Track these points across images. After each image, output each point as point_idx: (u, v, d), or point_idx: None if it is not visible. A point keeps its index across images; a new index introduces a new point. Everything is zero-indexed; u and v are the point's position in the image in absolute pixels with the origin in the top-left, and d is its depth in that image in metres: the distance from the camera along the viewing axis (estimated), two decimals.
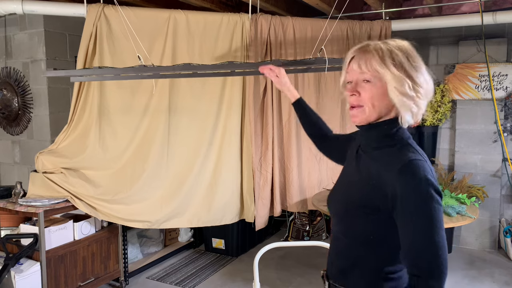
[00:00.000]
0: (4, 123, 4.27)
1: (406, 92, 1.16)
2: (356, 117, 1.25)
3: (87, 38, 3.01)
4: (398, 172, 1.13)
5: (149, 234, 4.18)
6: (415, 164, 1.13)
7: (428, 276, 1.10)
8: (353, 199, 1.26)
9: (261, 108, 3.44)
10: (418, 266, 1.11)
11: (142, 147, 3.17)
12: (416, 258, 1.12)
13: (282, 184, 3.56)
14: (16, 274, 2.74)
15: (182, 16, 3.15)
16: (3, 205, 2.97)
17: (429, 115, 4.30)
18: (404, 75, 1.17)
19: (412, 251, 1.13)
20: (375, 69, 1.18)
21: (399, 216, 1.14)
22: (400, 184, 1.12)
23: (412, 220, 1.11)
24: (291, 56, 3.46)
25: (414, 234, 1.11)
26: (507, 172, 4.27)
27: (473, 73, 4.29)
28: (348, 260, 1.29)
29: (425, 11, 4.36)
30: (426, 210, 1.10)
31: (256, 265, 2.46)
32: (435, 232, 1.10)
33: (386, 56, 1.18)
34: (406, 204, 1.12)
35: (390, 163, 1.17)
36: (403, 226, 1.14)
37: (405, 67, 1.17)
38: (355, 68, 1.21)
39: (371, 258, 1.25)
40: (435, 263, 1.09)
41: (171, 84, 3.18)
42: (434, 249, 1.10)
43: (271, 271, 3.84)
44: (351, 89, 1.23)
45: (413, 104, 1.18)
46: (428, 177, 1.11)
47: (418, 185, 1.10)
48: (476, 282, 3.64)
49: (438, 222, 1.10)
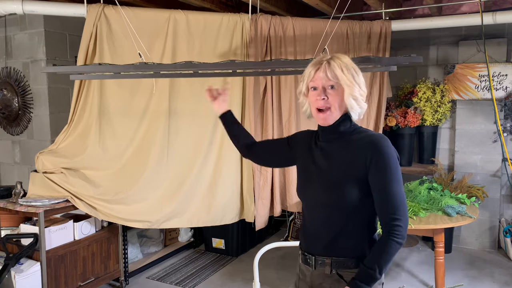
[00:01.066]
0: (4, 123, 4.27)
1: (356, 96, 1.50)
2: (327, 119, 1.52)
3: (87, 38, 3.01)
4: (368, 144, 1.48)
5: (149, 234, 4.18)
6: (380, 136, 1.51)
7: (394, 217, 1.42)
8: (335, 177, 1.51)
9: (261, 108, 3.44)
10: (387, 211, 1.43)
11: (142, 147, 3.17)
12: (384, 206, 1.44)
13: (282, 184, 3.56)
14: (16, 274, 2.74)
15: (182, 16, 3.15)
16: (3, 205, 2.98)
17: (429, 115, 4.31)
18: (355, 83, 1.49)
19: (381, 201, 1.44)
20: (338, 78, 1.48)
21: (373, 176, 1.45)
22: (372, 152, 1.45)
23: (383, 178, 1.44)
24: (291, 56, 3.46)
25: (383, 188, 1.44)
26: (507, 172, 4.27)
27: (473, 73, 4.29)
28: (332, 231, 1.52)
29: (425, 11, 4.36)
30: (391, 168, 1.44)
31: (256, 265, 2.46)
32: (397, 186, 1.44)
33: (344, 68, 1.49)
34: (376, 166, 1.44)
35: (360, 141, 1.51)
36: (375, 185, 1.45)
37: (354, 77, 1.50)
38: (322, 76, 1.49)
39: (353, 223, 1.50)
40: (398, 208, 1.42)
41: (171, 85, 3.18)
42: (398, 198, 1.43)
43: (271, 271, 3.84)
44: (320, 94, 1.50)
45: (358, 105, 1.51)
46: (390, 144, 1.48)
47: (386, 151, 1.45)
48: (476, 282, 3.64)
49: (399, 178, 1.46)
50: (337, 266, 1.51)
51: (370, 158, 1.45)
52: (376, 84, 3.70)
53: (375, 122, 3.77)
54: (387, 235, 1.42)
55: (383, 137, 1.50)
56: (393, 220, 1.42)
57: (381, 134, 1.53)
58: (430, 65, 4.62)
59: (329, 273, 1.52)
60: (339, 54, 1.55)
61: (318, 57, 1.55)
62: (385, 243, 1.42)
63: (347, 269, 1.50)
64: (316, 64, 1.52)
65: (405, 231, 1.43)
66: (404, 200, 1.45)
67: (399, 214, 1.42)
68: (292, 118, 3.47)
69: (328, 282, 1.53)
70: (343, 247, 1.51)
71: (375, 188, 1.45)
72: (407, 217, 1.45)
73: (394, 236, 1.41)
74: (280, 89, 3.45)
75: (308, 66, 1.55)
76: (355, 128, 1.56)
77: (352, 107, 1.50)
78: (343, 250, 1.51)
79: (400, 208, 1.43)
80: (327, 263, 1.52)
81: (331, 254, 1.52)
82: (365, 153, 1.46)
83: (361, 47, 3.66)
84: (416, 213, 3.11)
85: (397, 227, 1.41)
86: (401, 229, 1.41)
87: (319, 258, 1.54)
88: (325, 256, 1.53)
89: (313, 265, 1.56)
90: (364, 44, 3.67)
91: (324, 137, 1.59)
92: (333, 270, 1.51)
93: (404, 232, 1.42)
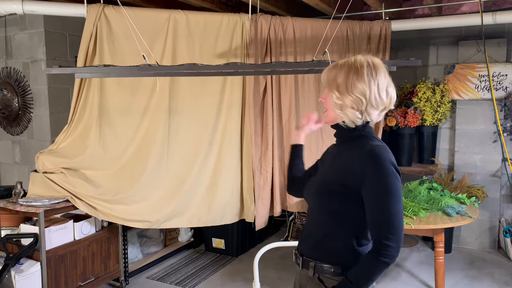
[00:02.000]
0: (4, 123, 4.27)
1: (335, 102, 1.44)
2: (325, 119, 1.54)
3: (87, 38, 3.01)
4: (366, 155, 1.39)
5: (149, 234, 4.18)
6: (379, 148, 1.40)
7: (385, 236, 1.34)
8: (328, 181, 1.49)
9: (261, 108, 3.44)
10: (377, 228, 1.36)
11: (142, 147, 3.18)
12: (376, 222, 1.37)
13: (282, 184, 3.56)
14: (16, 274, 2.74)
15: (182, 16, 3.16)
16: (3, 205, 2.98)
17: (429, 115, 4.31)
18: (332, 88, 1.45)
19: (374, 217, 1.38)
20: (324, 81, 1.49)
21: (366, 191, 1.37)
22: (368, 164, 1.37)
23: (376, 193, 1.36)
24: (291, 56, 3.46)
25: (377, 203, 1.36)
26: (507, 172, 4.27)
27: (473, 73, 4.29)
28: (320, 234, 1.51)
29: (425, 11, 4.36)
30: (388, 184, 1.35)
31: (256, 265, 2.47)
32: (393, 203, 1.35)
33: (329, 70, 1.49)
34: (371, 180, 1.36)
35: (359, 150, 1.42)
36: (368, 198, 1.38)
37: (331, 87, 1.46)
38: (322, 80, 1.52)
39: (340, 231, 1.46)
40: (392, 227, 1.34)
41: (171, 84, 3.18)
42: (392, 216, 1.34)
43: (271, 271, 3.84)
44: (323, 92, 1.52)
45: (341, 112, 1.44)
46: (390, 158, 1.39)
47: (382, 165, 1.36)
48: (476, 282, 3.64)
49: (397, 195, 1.36)
50: (319, 271, 1.49)
51: (364, 170, 1.37)
52: None
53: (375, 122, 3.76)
54: (376, 252, 1.35)
55: (382, 148, 1.39)
56: (384, 239, 1.34)
57: (382, 145, 1.42)
58: (430, 65, 4.63)
59: (311, 276, 1.51)
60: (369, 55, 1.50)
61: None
62: (371, 260, 1.36)
63: (328, 275, 1.47)
64: None
65: (396, 251, 1.34)
66: (399, 219, 1.35)
67: (391, 233, 1.34)
68: (292, 118, 3.47)
69: (311, 284, 1.52)
70: (326, 252, 1.49)
71: (368, 204, 1.38)
72: (401, 237, 1.35)
73: (382, 255, 1.33)
74: (280, 89, 3.45)
75: None
76: (362, 135, 1.46)
77: (337, 113, 1.45)
78: (326, 255, 1.49)
79: (394, 227, 1.34)
80: (311, 265, 1.51)
81: (316, 258, 1.50)
82: (360, 163, 1.38)
83: (361, 47, 3.66)
84: (416, 213, 3.11)
85: (388, 247, 1.33)
86: (392, 249, 1.33)
87: (305, 259, 1.54)
88: (311, 258, 1.52)
89: (300, 265, 1.56)
90: (364, 44, 3.67)
91: (336, 139, 1.58)
92: (315, 273, 1.50)
93: (395, 252, 1.34)
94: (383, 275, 3.70)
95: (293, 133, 3.47)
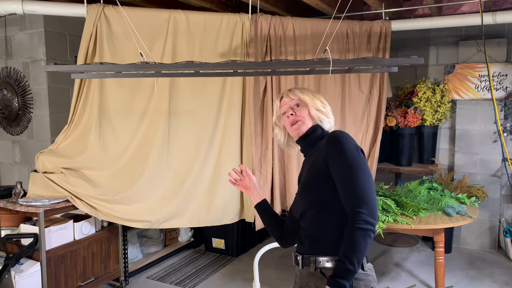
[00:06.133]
0: (4, 123, 4.27)
1: (319, 108, 1.69)
2: (299, 129, 1.68)
3: (87, 38, 3.00)
4: (326, 141, 1.57)
5: (149, 234, 4.18)
6: (337, 132, 1.59)
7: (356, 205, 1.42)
8: (308, 180, 1.61)
9: (261, 108, 3.44)
10: (349, 202, 1.45)
11: (142, 147, 3.17)
12: (347, 196, 1.46)
13: (282, 184, 3.56)
14: (16, 274, 2.74)
15: (182, 16, 3.16)
16: (3, 205, 2.98)
17: (429, 115, 4.31)
18: (315, 99, 1.71)
19: (344, 192, 1.47)
20: (299, 97, 1.71)
21: (333, 170, 1.50)
22: (329, 146, 1.54)
23: (341, 168, 1.48)
24: (291, 56, 3.46)
25: (343, 179, 1.48)
26: (507, 172, 4.27)
27: (473, 73, 4.29)
28: (315, 229, 1.57)
29: (425, 11, 4.36)
30: (349, 157, 1.47)
31: (256, 265, 2.47)
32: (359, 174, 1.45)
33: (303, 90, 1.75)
34: (334, 157, 1.50)
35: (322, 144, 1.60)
36: (336, 175, 1.49)
37: (313, 95, 1.73)
38: (287, 100, 1.72)
39: (331, 218, 1.53)
40: (361, 196, 1.43)
41: (171, 84, 3.18)
42: (360, 187, 1.44)
43: (271, 271, 3.84)
44: (289, 110, 1.70)
45: (325, 116, 1.69)
46: (348, 137, 1.54)
47: (341, 142, 1.51)
48: (476, 282, 3.64)
49: (362, 166, 1.48)
50: (320, 264, 1.53)
51: (326, 151, 1.53)
52: (376, 84, 3.70)
53: (375, 122, 3.77)
54: (351, 224, 1.42)
55: (338, 131, 1.59)
56: (355, 207, 1.42)
57: (337, 130, 1.62)
58: (430, 65, 4.63)
59: (313, 271, 1.54)
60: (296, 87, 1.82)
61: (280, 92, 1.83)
62: (350, 232, 1.41)
63: (329, 266, 1.51)
64: (278, 96, 1.78)
65: (369, 216, 1.40)
66: (367, 188, 1.44)
67: (362, 201, 1.42)
68: None
69: (313, 280, 1.55)
70: (324, 245, 1.54)
71: (336, 180, 1.49)
72: (373, 205, 1.43)
73: (357, 223, 1.40)
74: (280, 89, 3.45)
75: (275, 101, 1.80)
76: (326, 134, 1.66)
77: (320, 117, 1.68)
78: (325, 247, 1.54)
79: (362, 195, 1.43)
80: (311, 260, 1.55)
81: (315, 252, 1.55)
82: (324, 149, 1.55)
83: (361, 47, 3.66)
84: (416, 213, 3.11)
85: (360, 214, 1.40)
86: (364, 215, 1.40)
87: (305, 256, 1.58)
88: (310, 254, 1.56)
89: (301, 263, 1.60)
90: (364, 44, 3.67)
91: (303, 150, 1.73)
92: (317, 268, 1.53)
93: (369, 218, 1.40)
94: (383, 275, 3.70)
95: None
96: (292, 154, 3.50)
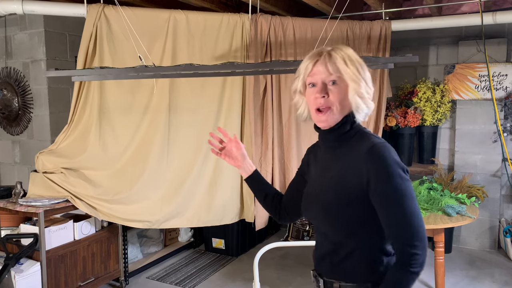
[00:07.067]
0: (4, 123, 4.27)
1: (362, 93, 1.28)
2: (326, 122, 1.30)
3: (87, 38, 3.01)
4: (365, 158, 1.23)
5: (149, 234, 4.18)
6: (379, 147, 1.24)
7: (410, 244, 1.19)
8: (329, 197, 1.31)
9: (261, 108, 3.44)
10: (399, 236, 1.21)
11: (142, 147, 3.17)
12: (396, 232, 1.21)
13: (282, 184, 3.56)
14: (16, 274, 2.74)
15: (182, 16, 3.15)
16: (3, 205, 2.98)
17: (429, 115, 4.31)
18: (361, 78, 1.28)
19: (392, 227, 1.22)
20: (341, 71, 1.26)
21: (375, 199, 1.23)
22: (369, 168, 1.22)
23: (387, 197, 1.21)
24: (291, 56, 3.46)
25: (391, 212, 1.21)
26: (507, 172, 4.27)
27: (473, 73, 4.29)
28: (340, 254, 1.33)
29: (425, 11, 4.36)
30: (397, 187, 1.20)
31: (256, 265, 2.47)
32: (408, 206, 1.20)
33: (348, 60, 1.27)
34: (379, 186, 1.21)
35: (356, 153, 1.27)
36: (380, 204, 1.23)
37: (360, 71, 1.28)
38: (322, 70, 1.27)
39: (361, 246, 1.29)
40: (414, 234, 1.19)
41: (171, 84, 3.18)
42: (411, 222, 1.19)
43: (271, 271, 3.84)
44: (320, 91, 1.28)
45: (365, 105, 1.29)
46: (394, 156, 1.23)
47: (386, 166, 1.21)
48: (476, 282, 3.64)
49: (410, 196, 1.21)
50: None
51: (367, 172, 1.22)
52: (376, 84, 3.70)
53: (375, 122, 3.77)
54: (404, 264, 1.19)
55: (384, 146, 1.24)
56: (410, 247, 1.18)
57: (382, 142, 1.27)
58: (430, 65, 4.62)
59: None
60: (341, 45, 1.32)
61: (316, 49, 1.33)
62: (401, 273, 1.20)
63: None
64: (314, 56, 1.31)
65: (424, 257, 1.20)
66: (420, 220, 1.21)
67: (415, 239, 1.19)
68: (292, 118, 3.47)
69: None
70: (351, 271, 1.32)
71: (380, 209, 1.23)
72: (426, 241, 1.21)
73: (412, 266, 1.18)
74: (280, 89, 3.45)
75: (304, 59, 1.33)
76: (358, 131, 1.32)
77: (358, 106, 1.28)
78: (351, 274, 1.32)
79: (415, 232, 1.19)
80: (335, 287, 1.35)
81: (339, 278, 1.34)
82: (364, 166, 1.23)
83: (361, 47, 3.66)
84: None
85: (416, 255, 1.18)
86: (419, 257, 1.19)
87: (327, 281, 1.37)
88: (334, 279, 1.35)
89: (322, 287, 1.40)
90: (364, 44, 3.67)
91: (325, 145, 1.39)
92: None
93: (422, 259, 1.19)
94: None
95: (292, 127, 3.46)
96: (292, 154, 3.50)
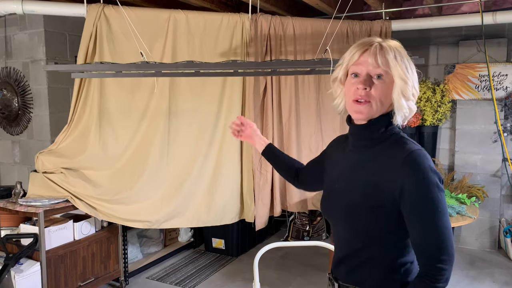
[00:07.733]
0: (4, 123, 4.27)
1: (407, 93, 1.19)
2: (362, 113, 1.21)
3: (87, 38, 3.01)
4: (401, 164, 1.16)
5: (149, 234, 4.18)
6: (417, 154, 1.16)
7: (437, 257, 1.13)
8: (356, 198, 1.24)
9: (261, 108, 3.44)
10: (427, 249, 1.15)
11: (142, 147, 3.17)
12: (425, 244, 1.15)
13: (282, 184, 3.56)
14: (16, 274, 2.74)
15: (182, 16, 3.15)
16: (3, 205, 2.97)
17: (429, 115, 4.31)
18: (409, 77, 1.19)
19: (421, 238, 1.16)
20: (390, 66, 1.17)
21: (407, 207, 1.16)
22: (405, 176, 1.14)
23: (421, 207, 1.14)
24: (291, 56, 3.46)
25: (423, 222, 1.14)
26: (507, 172, 4.27)
27: (473, 73, 4.29)
28: (357, 259, 1.28)
29: (425, 11, 4.36)
30: (433, 198, 1.13)
31: (256, 265, 2.46)
32: (441, 219, 1.13)
33: (399, 56, 1.18)
34: (413, 194, 1.14)
35: (392, 158, 1.19)
36: (412, 213, 1.16)
37: (409, 70, 1.19)
38: (370, 62, 1.18)
39: (380, 253, 1.25)
40: (444, 248, 1.14)
41: (171, 84, 3.18)
42: (442, 235, 1.13)
43: (271, 271, 3.84)
44: (363, 82, 1.19)
45: (408, 107, 1.21)
46: (431, 165, 1.15)
47: (423, 175, 1.13)
48: (476, 282, 3.64)
49: (444, 208, 1.14)
50: None
51: (403, 181, 1.14)
52: None
53: None
54: (429, 278, 1.15)
55: (422, 154, 1.16)
56: (437, 262, 1.13)
57: (420, 150, 1.18)
58: (430, 65, 4.62)
59: None
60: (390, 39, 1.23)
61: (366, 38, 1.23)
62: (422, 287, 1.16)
63: None
64: (363, 45, 1.20)
65: (449, 273, 1.15)
66: (450, 234, 1.15)
67: (444, 254, 1.13)
68: (292, 118, 3.47)
69: None
70: (367, 279, 1.27)
71: (411, 221, 1.16)
72: (454, 256, 1.16)
73: (438, 281, 1.14)
74: (280, 89, 3.45)
75: (351, 47, 1.24)
76: (393, 134, 1.23)
77: (401, 106, 1.19)
78: (367, 281, 1.27)
79: (446, 248, 1.13)
80: None
81: (355, 284, 1.29)
82: (400, 174, 1.15)
83: None
84: None
85: (443, 271, 1.14)
86: (445, 272, 1.14)
87: (343, 285, 1.32)
88: (349, 283, 1.31)
89: None
90: None
91: (354, 142, 1.31)
92: None
93: (448, 274, 1.15)
94: None
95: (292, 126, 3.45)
96: (292, 154, 3.50)
